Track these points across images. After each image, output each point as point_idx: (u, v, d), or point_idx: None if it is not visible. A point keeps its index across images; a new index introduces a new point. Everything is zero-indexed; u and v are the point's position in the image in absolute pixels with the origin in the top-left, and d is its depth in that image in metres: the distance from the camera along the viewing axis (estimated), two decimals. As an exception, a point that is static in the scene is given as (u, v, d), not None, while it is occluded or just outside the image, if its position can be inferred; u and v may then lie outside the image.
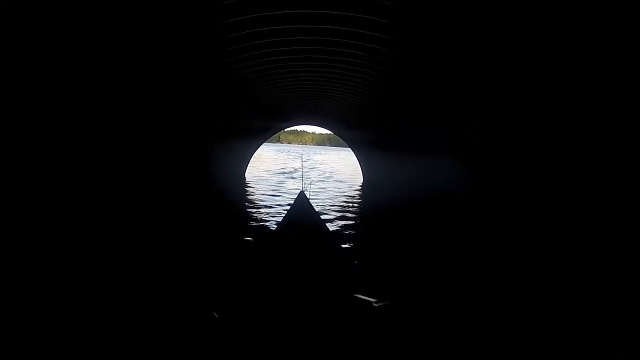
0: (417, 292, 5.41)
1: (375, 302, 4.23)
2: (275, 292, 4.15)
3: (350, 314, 3.99)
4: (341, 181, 22.79)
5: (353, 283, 4.67)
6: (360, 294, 4.28)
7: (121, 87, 6.29)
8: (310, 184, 18.19)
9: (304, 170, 28.39)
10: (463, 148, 8.18)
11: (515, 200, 6.18)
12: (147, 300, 4.68)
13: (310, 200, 7.66)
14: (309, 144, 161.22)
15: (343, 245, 7.39)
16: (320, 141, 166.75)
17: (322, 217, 8.48)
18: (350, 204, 14.05)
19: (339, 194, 16.45)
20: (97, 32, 5.01)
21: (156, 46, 6.28)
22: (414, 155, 11.90)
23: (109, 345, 3.71)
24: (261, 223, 9.60)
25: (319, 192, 16.62)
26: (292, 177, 22.99)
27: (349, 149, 21.77)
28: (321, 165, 38.21)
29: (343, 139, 21.74)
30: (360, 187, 19.98)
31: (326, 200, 14.33)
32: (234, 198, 13.74)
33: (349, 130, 18.63)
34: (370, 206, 14.35)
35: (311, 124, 21.40)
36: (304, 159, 46.50)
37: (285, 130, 24.01)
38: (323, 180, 22.10)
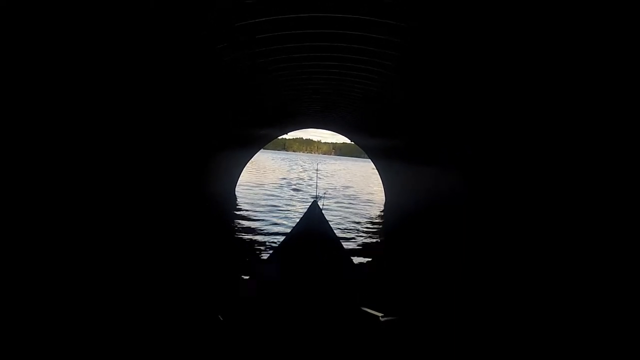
0: (425, 308, 5.31)
1: (382, 317, 4.27)
2: (282, 300, 4.26)
3: (356, 326, 4.14)
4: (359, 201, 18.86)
5: (361, 296, 4.66)
6: (368, 308, 4.37)
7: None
8: (325, 194, 17.03)
9: (308, 182, 26.65)
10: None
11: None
12: (152, 303, 4.68)
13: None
14: (315, 153, 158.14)
15: (354, 258, 7.53)
16: (327, 150, 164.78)
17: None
18: (366, 226, 12.54)
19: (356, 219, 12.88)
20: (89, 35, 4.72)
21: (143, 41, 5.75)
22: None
23: (114, 348, 3.68)
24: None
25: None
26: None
27: (356, 159, 18.53)
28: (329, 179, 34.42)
29: (362, 148, 18.01)
30: (381, 212, 16.28)
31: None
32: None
33: (369, 137, 15.32)
34: (389, 221, 14.02)
35: (322, 128, 18.12)
36: (302, 169, 45.38)
37: (291, 137, 20.80)
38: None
